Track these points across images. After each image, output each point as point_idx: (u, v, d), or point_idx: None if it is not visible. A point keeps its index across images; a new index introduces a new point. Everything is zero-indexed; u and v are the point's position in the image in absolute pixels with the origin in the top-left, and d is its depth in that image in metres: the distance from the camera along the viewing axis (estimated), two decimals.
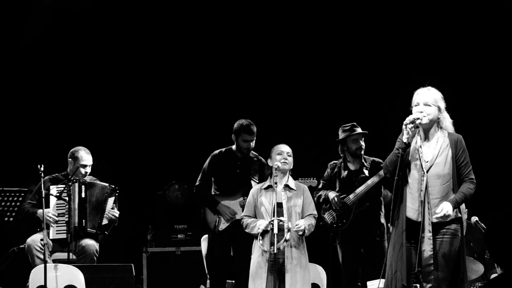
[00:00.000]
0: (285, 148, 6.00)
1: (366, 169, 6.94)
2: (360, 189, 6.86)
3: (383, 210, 6.92)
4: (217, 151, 7.00)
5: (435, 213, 4.96)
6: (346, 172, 7.00)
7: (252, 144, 6.81)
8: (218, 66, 8.96)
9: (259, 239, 5.77)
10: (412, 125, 5.01)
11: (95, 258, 6.75)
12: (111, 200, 6.99)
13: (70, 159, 7.00)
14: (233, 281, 6.79)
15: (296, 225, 5.80)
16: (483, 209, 7.13)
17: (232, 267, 6.77)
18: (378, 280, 6.31)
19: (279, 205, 5.80)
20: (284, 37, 8.91)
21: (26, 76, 8.67)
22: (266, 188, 5.96)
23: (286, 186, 5.92)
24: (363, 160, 7.00)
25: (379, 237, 6.91)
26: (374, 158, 6.98)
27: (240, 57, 8.94)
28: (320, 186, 7.09)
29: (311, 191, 6.11)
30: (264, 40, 8.91)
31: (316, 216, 5.96)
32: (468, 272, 5.95)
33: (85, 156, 6.96)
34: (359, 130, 6.98)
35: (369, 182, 6.82)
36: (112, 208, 7.00)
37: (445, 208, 4.92)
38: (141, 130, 8.94)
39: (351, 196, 6.89)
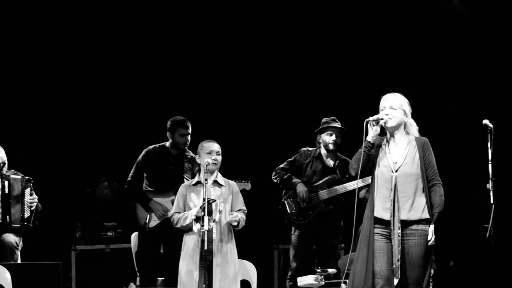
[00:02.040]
0: (214, 147, 5.92)
1: (339, 168, 6.90)
2: (334, 190, 6.82)
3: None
4: (151, 147, 6.99)
5: (405, 210, 5.09)
6: (321, 165, 6.96)
7: (189, 138, 6.83)
8: (148, 61, 8.90)
9: (194, 224, 5.72)
10: (375, 124, 5.14)
11: (16, 250, 6.66)
12: (27, 192, 6.87)
13: None
14: (163, 278, 6.79)
15: (231, 214, 5.80)
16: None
17: (162, 264, 6.77)
18: (307, 276, 6.43)
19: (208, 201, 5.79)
20: (215, 32, 8.93)
21: None
22: (195, 185, 5.94)
23: (215, 182, 5.92)
24: (336, 158, 6.96)
25: (336, 240, 6.97)
26: (346, 158, 6.85)
27: (169, 53, 8.91)
28: (283, 165, 7.00)
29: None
30: (197, 38, 8.91)
31: (246, 212, 5.95)
32: None
33: None
34: (336, 124, 6.93)
35: (349, 186, 6.75)
36: (30, 195, 6.88)
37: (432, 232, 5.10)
38: (70, 125, 8.80)
39: (321, 193, 6.85)
